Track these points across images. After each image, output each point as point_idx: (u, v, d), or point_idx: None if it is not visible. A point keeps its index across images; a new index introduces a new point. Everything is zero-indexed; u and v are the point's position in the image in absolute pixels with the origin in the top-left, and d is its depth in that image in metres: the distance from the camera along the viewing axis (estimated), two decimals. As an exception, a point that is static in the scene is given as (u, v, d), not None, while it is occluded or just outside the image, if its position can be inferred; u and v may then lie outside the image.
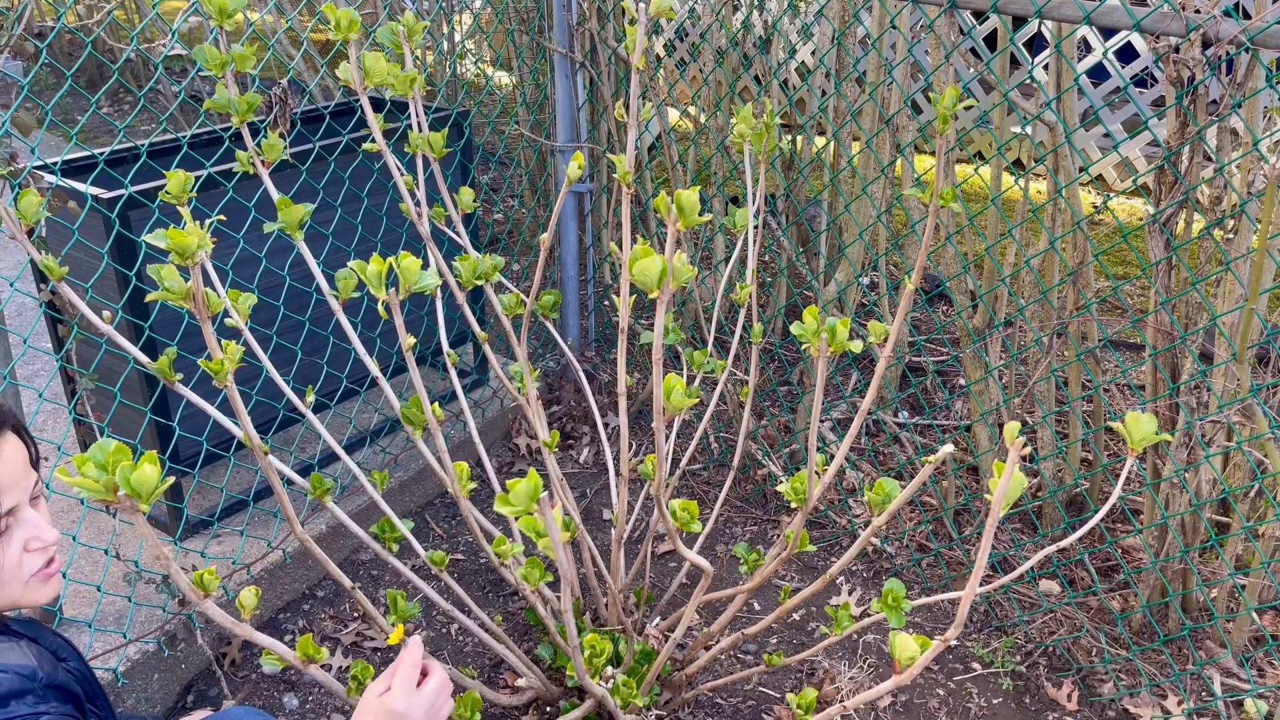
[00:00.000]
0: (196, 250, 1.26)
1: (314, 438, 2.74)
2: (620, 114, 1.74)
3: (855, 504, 2.79)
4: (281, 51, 4.35)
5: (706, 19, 3.03)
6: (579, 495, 2.90)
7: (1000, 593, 2.46)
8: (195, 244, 1.25)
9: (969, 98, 2.25)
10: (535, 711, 2.14)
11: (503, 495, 1.25)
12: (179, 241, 1.24)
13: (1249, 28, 1.73)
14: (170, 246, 1.24)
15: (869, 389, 1.63)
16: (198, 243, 1.25)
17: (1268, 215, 1.87)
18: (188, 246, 1.24)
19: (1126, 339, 3.59)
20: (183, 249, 1.25)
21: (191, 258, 1.26)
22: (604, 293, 3.35)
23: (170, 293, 1.32)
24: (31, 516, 1.23)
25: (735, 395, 2.95)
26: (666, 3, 1.65)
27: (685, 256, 1.36)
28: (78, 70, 3.41)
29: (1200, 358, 2.12)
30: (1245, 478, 2.18)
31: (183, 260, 1.26)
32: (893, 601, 1.58)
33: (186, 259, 1.26)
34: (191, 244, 1.24)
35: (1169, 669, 2.23)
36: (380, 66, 1.78)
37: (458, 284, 1.97)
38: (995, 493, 1.18)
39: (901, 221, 3.70)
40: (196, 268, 1.28)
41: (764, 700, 2.21)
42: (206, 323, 1.32)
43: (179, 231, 1.24)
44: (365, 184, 2.58)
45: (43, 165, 2.12)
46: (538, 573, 1.67)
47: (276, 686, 2.22)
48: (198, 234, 1.26)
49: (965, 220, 3.68)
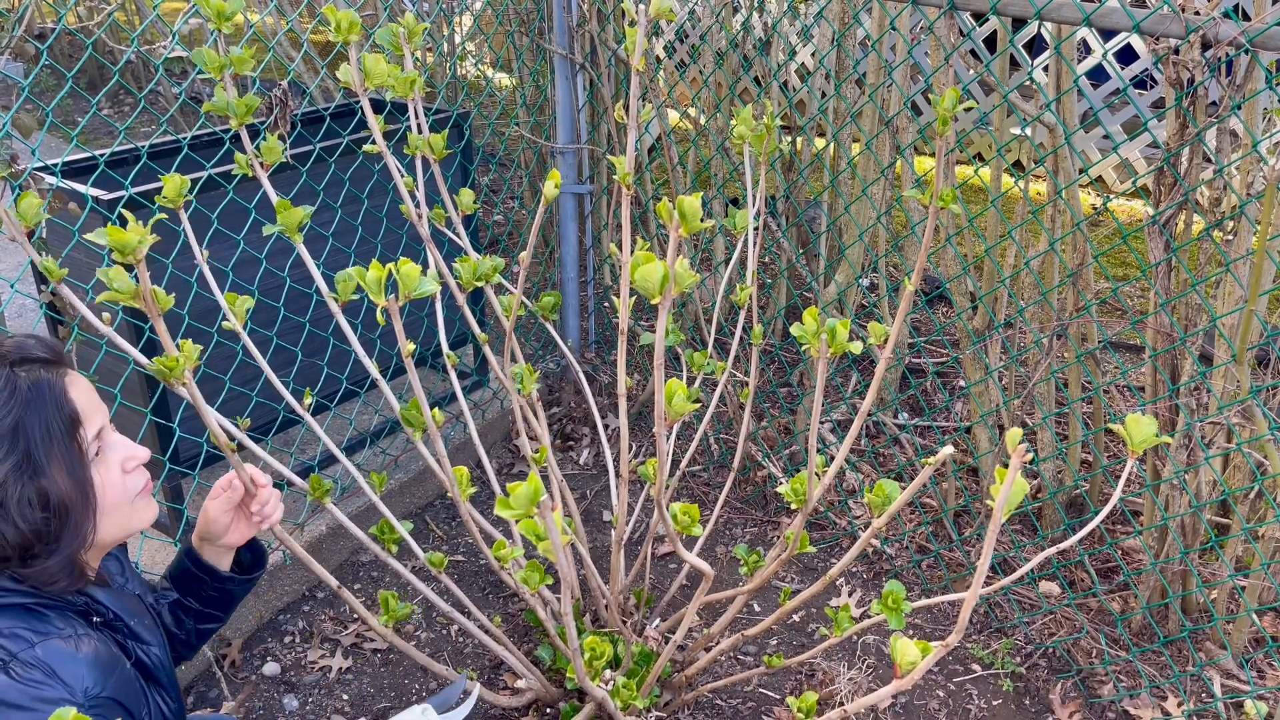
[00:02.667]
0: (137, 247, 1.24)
1: (314, 439, 2.74)
2: (620, 115, 1.74)
3: (855, 505, 2.79)
4: (281, 53, 4.35)
5: (706, 21, 3.04)
6: (579, 496, 2.90)
7: (1000, 594, 2.46)
8: (135, 241, 1.23)
9: (969, 99, 2.25)
10: (535, 713, 2.14)
11: (503, 499, 1.25)
12: (119, 239, 1.22)
13: (1248, 29, 1.73)
14: (111, 244, 1.23)
15: (869, 390, 1.63)
16: (138, 239, 1.23)
17: (1267, 216, 1.87)
18: (128, 244, 1.23)
19: (1126, 340, 3.59)
20: (123, 246, 1.23)
21: (134, 255, 1.24)
22: (604, 294, 3.35)
23: (119, 293, 1.31)
24: (119, 438, 1.27)
25: (735, 397, 2.95)
26: (666, 4, 1.65)
27: (686, 261, 1.36)
28: (78, 72, 3.41)
29: (1200, 359, 2.12)
30: (1245, 479, 2.18)
31: (123, 258, 1.24)
32: (893, 603, 1.58)
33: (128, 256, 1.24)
34: (132, 241, 1.23)
35: (1169, 670, 2.23)
36: (380, 68, 1.78)
37: (458, 285, 1.97)
38: (997, 499, 1.18)
39: (901, 223, 3.70)
40: (141, 265, 1.26)
41: (764, 702, 2.21)
42: (158, 320, 1.30)
43: (118, 229, 1.22)
44: (365, 185, 2.58)
45: (43, 166, 2.12)
46: (537, 576, 1.67)
47: (276, 687, 2.22)
48: (139, 231, 1.24)
49: (965, 222, 3.68)
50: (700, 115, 3.14)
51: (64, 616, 1.20)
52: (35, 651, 1.13)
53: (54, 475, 1.17)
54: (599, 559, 2.60)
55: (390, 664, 2.30)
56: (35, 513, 1.16)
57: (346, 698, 2.21)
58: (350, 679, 2.26)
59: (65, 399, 1.20)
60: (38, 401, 1.18)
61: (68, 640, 1.17)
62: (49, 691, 1.11)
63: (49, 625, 1.17)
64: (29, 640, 1.14)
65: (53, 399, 1.19)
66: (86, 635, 1.20)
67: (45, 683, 1.11)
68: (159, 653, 1.35)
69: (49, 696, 1.11)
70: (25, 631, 1.15)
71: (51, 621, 1.18)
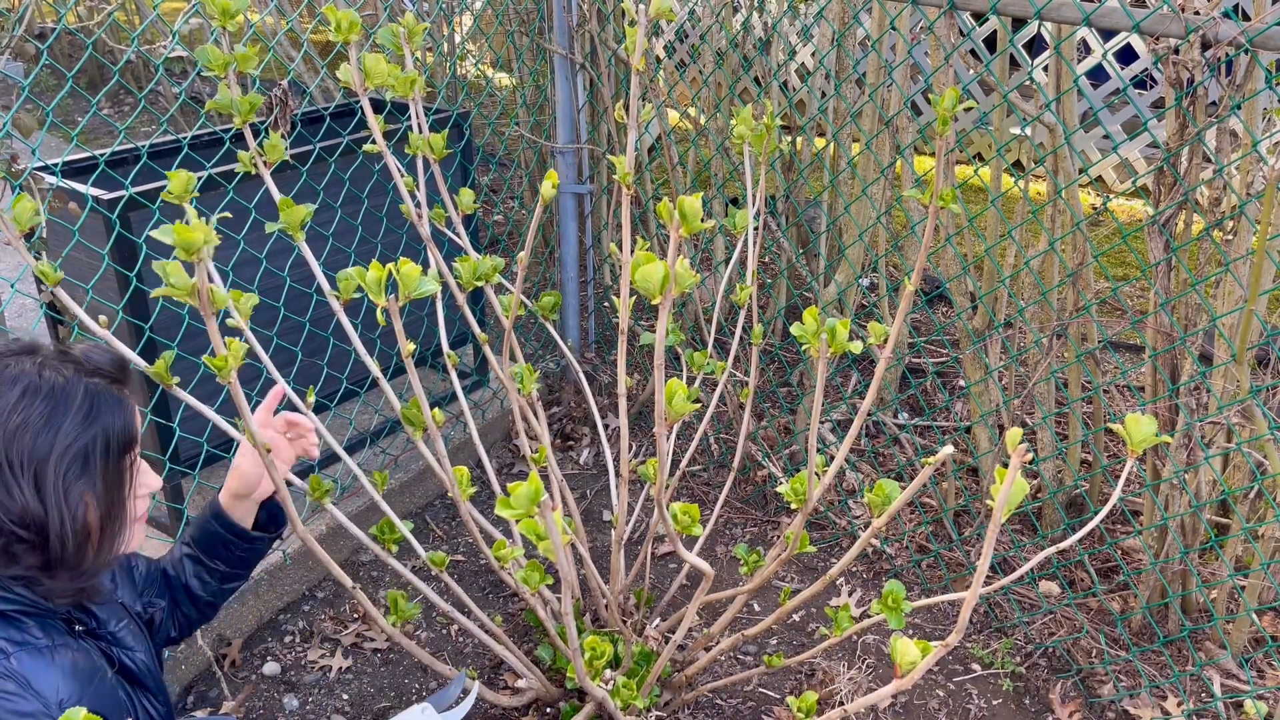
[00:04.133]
0: (202, 246, 1.26)
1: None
2: (620, 115, 1.74)
3: (855, 505, 2.79)
4: (282, 53, 4.35)
5: (706, 21, 3.04)
6: (579, 496, 2.90)
7: (1000, 594, 2.46)
8: (201, 239, 1.25)
9: (969, 99, 2.25)
10: (535, 713, 2.15)
11: (503, 499, 1.26)
12: (185, 237, 1.24)
13: (1248, 29, 1.73)
14: (176, 242, 1.25)
15: (869, 390, 1.63)
16: (204, 238, 1.25)
17: (1267, 216, 1.88)
18: (193, 242, 1.24)
19: (1126, 340, 3.59)
20: (188, 244, 1.24)
21: (197, 253, 1.26)
22: (604, 294, 3.35)
23: (175, 288, 1.32)
24: (143, 464, 1.28)
25: (735, 396, 2.95)
26: (666, 4, 1.65)
27: (687, 262, 1.36)
28: (78, 71, 3.40)
29: (1200, 359, 2.12)
30: (1245, 479, 2.18)
31: (188, 256, 1.26)
32: (892, 603, 1.58)
33: (192, 254, 1.26)
34: (198, 239, 1.24)
35: (1169, 670, 2.23)
36: (381, 68, 1.78)
37: (458, 285, 1.97)
38: (997, 499, 1.18)
39: (901, 223, 3.70)
40: (201, 264, 1.28)
41: (764, 701, 2.22)
42: (211, 319, 1.31)
43: (185, 227, 1.24)
44: (365, 185, 2.58)
45: (43, 166, 2.12)
46: (538, 576, 1.67)
47: (276, 687, 2.22)
48: (204, 230, 1.26)
49: (965, 221, 3.68)
50: (700, 115, 3.14)
51: (43, 625, 1.17)
52: (10, 662, 1.11)
53: (102, 493, 1.17)
54: (599, 559, 2.60)
55: (390, 664, 2.30)
56: (80, 530, 1.15)
57: (346, 697, 2.21)
58: (350, 679, 2.26)
59: (131, 419, 1.21)
60: (108, 418, 1.18)
61: (44, 651, 1.15)
62: (23, 704, 1.10)
63: (26, 634, 1.15)
64: (4, 651, 1.12)
65: (120, 417, 1.19)
66: (65, 645, 1.18)
67: (19, 694, 1.10)
68: (144, 658, 1.34)
69: (23, 710, 1.09)
70: (1, 642, 1.12)
71: (29, 630, 1.15)
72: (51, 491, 1.12)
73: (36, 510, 1.12)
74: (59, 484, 1.13)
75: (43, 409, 1.13)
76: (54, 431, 1.13)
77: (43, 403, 1.13)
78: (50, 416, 1.13)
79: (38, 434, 1.12)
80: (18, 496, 1.11)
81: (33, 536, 1.13)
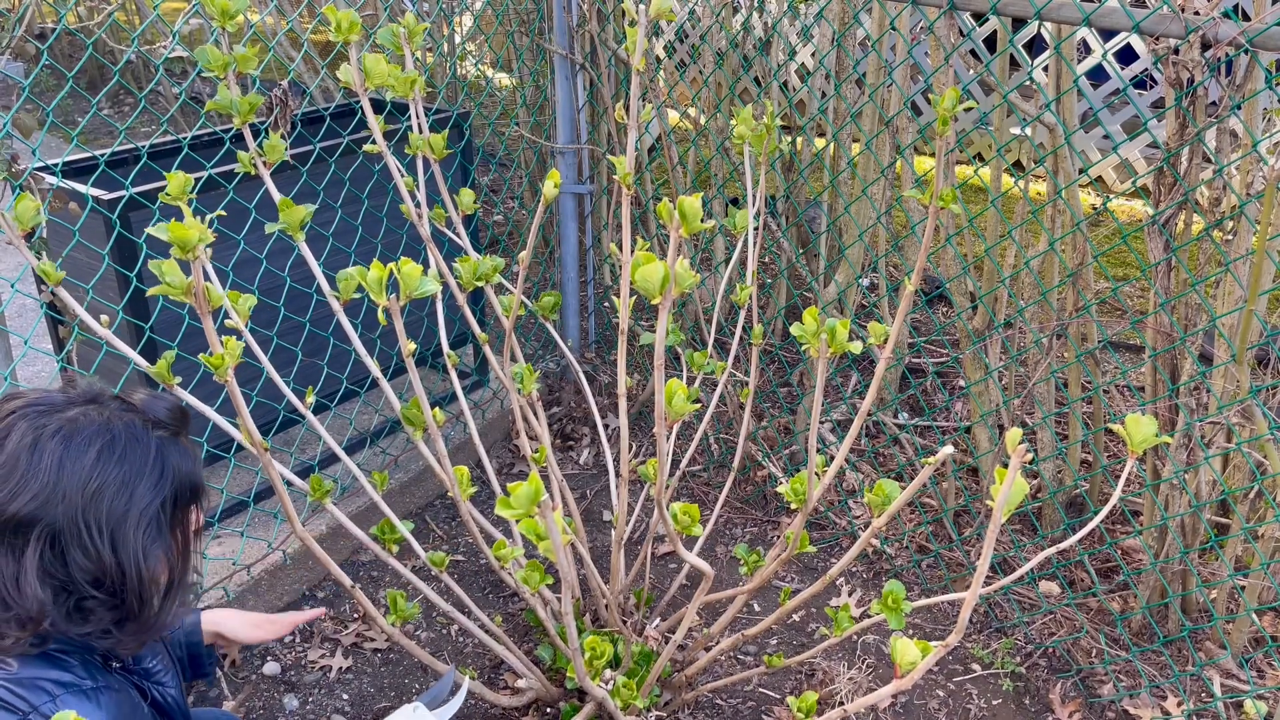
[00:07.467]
0: (198, 244, 1.26)
1: (314, 439, 2.75)
2: (620, 115, 1.74)
3: (855, 505, 2.79)
4: (282, 53, 4.35)
5: (706, 21, 3.04)
6: (579, 496, 2.90)
7: (1000, 594, 2.46)
8: (196, 237, 1.25)
9: (969, 99, 2.25)
10: (535, 713, 2.15)
11: (504, 499, 1.26)
12: (180, 235, 1.24)
13: (1248, 29, 1.73)
14: (172, 240, 1.25)
15: (869, 390, 1.63)
16: (199, 236, 1.26)
17: (1266, 216, 1.88)
18: (188, 240, 1.25)
19: (1126, 340, 3.59)
20: (184, 242, 1.25)
21: (193, 251, 1.26)
22: (604, 294, 3.35)
23: (171, 287, 1.33)
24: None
25: (735, 396, 2.95)
26: (666, 4, 1.65)
27: (686, 262, 1.36)
28: (78, 72, 3.40)
29: (1200, 359, 2.12)
30: (1245, 479, 2.18)
31: (184, 254, 1.26)
32: (892, 603, 1.58)
33: (188, 253, 1.26)
34: (193, 237, 1.25)
35: (1169, 670, 2.23)
36: (381, 68, 1.78)
37: (458, 285, 1.97)
38: (997, 499, 1.18)
39: (901, 223, 3.71)
40: (197, 262, 1.28)
41: (764, 701, 2.22)
42: (207, 317, 1.32)
43: (180, 225, 1.25)
44: (366, 185, 2.58)
45: (44, 166, 2.12)
46: (538, 576, 1.67)
47: (276, 687, 2.22)
48: (199, 228, 1.26)
49: (965, 221, 3.68)
50: (700, 115, 3.14)
51: (85, 665, 1.18)
52: (55, 705, 1.12)
53: (175, 548, 1.20)
54: (599, 559, 2.60)
55: (390, 664, 2.30)
56: (155, 587, 1.17)
57: (346, 697, 2.21)
58: (350, 678, 2.26)
59: (198, 471, 1.22)
60: (178, 473, 1.19)
61: (90, 693, 1.17)
62: None
63: (71, 673, 1.16)
64: (50, 693, 1.13)
65: (187, 470, 1.20)
66: (106, 686, 1.20)
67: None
68: (175, 693, 1.36)
69: None
70: (47, 684, 1.13)
71: (74, 670, 1.16)
72: (130, 553, 1.14)
73: (114, 572, 1.13)
74: (138, 546, 1.14)
75: (118, 472, 1.14)
76: (129, 494, 1.14)
77: (117, 465, 1.14)
78: (126, 479, 1.14)
79: (114, 497, 1.13)
80: (94, 559, 1.12)
81: (107, 596, 1.14)
